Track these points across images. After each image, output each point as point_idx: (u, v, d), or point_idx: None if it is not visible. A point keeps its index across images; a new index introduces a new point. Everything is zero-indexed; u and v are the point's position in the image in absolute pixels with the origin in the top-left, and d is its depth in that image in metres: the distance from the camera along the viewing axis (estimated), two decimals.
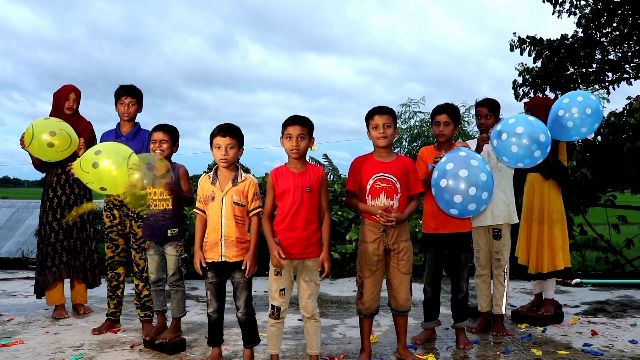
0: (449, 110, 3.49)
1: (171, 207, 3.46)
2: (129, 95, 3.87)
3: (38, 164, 4.23)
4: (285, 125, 3.03)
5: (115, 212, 3.85)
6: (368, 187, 3.12)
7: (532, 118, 3.42)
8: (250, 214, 3.14)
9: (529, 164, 3.38)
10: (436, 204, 3.43)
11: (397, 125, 3.18)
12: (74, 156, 3.88)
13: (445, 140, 3.49)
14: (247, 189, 3.13)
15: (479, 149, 3.64)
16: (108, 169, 3.37)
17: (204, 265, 3.12)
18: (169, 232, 3.47)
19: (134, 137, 3.87)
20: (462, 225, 3.46)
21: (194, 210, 3.21)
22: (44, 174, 4.32)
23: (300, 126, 3.01)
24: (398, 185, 3.10)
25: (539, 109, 3.95)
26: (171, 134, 3.50)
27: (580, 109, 3.58)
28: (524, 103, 4.16)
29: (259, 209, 3.14)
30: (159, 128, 3.48)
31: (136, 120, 3.98)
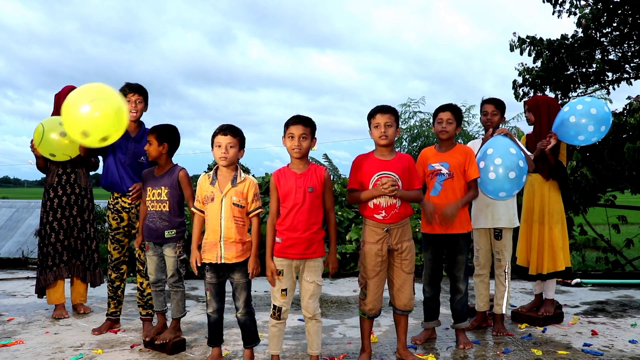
0: (452, 108, 3.51)
1: (167, 210, 3.45)
2: (136, 92, 3.82)
3: (43, 165, 4.24)
4: (288, 124, 3.02)
5: (124, 214, 3.82)
6: (370, 185, 3.11)
7: (513, 150, 3.49)
8: (250, 215, 3.13)
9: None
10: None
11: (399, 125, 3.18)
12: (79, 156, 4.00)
13: (447, 137, 3.48)
14: (247, 190, 3.12)
15: None
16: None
17: (199, 264, 3.12)
18: (166, 233, 3.45)
19: (142, 139, 3.83)
20: (461, 227, 3.44)
21: (192, 209, 3.21)
22: (45, 175, 4.32)
23: (303, 126, 2.99)
24: (400, 183, 3.10)
25: (540, 108, 3.99)
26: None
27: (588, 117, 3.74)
28: (524, 102, 4.20)
29: (259, 210, 3.14)
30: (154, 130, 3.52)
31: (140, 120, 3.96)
